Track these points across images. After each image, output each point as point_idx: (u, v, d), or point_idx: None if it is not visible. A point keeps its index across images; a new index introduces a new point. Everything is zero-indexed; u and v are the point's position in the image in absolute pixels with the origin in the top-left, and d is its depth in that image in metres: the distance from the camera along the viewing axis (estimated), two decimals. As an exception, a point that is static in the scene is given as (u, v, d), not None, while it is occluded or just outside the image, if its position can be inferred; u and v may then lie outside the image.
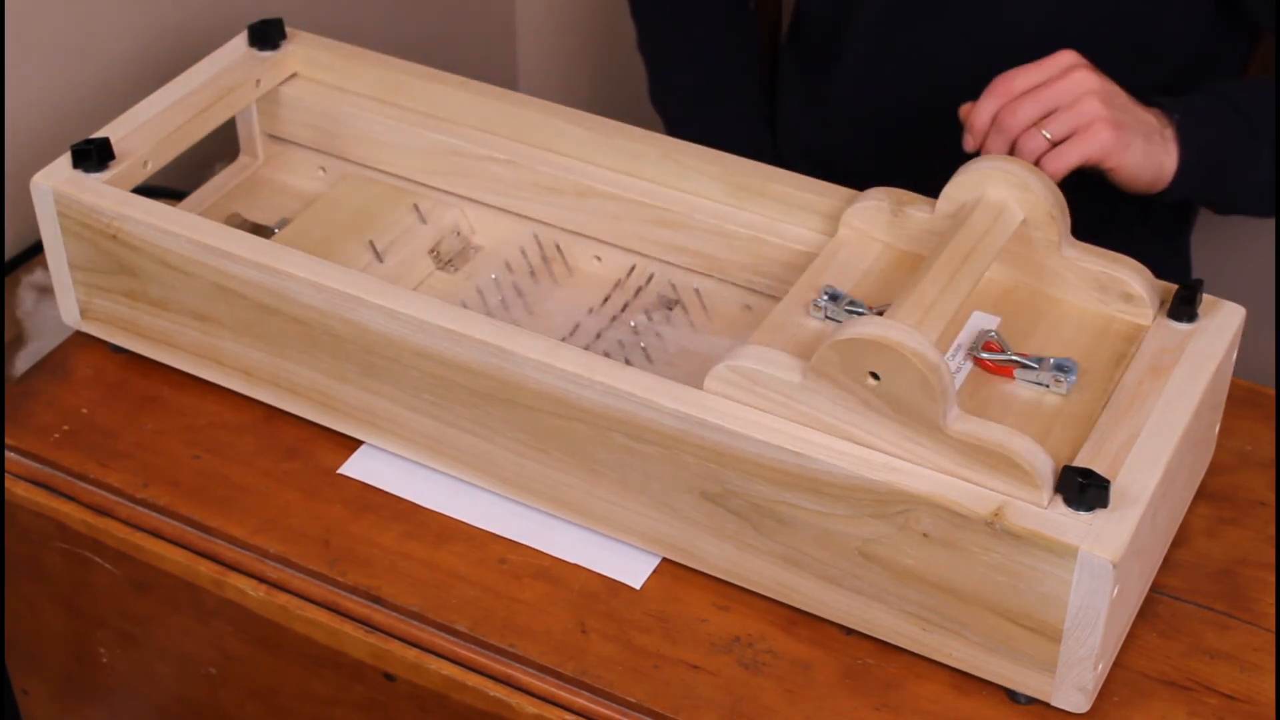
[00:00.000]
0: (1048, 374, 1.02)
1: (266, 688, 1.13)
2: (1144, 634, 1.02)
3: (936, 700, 0.98)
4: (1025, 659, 0.96)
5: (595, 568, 1.06)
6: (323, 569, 1.07)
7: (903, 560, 0.96)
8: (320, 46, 1.28)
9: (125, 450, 1.15)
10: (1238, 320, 1.06)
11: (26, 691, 1.28)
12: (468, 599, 1.05)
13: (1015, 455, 0.92)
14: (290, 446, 1.14)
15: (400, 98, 1.26)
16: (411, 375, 1.07)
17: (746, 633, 1.02)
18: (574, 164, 1.20)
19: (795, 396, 0.97)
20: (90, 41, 1.41)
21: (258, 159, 1.30)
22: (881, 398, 0.94)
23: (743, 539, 1.01)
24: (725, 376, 0.99)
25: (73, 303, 1.19)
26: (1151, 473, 0.95)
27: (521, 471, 1.07)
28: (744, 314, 1.17)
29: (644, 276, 1.20)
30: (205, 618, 1.12)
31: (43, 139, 1.37)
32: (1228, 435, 1.13)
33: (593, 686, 1.00)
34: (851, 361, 0.94)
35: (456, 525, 1.09)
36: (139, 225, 1.12)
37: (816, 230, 1.14)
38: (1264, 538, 1.08)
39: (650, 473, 1.01)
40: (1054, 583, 0.92)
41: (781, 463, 0.96)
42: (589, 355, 1.01)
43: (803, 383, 0.96)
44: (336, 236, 1.21)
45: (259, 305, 1.10)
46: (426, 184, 1.26)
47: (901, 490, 0.94)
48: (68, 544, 1.15)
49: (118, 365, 1.21)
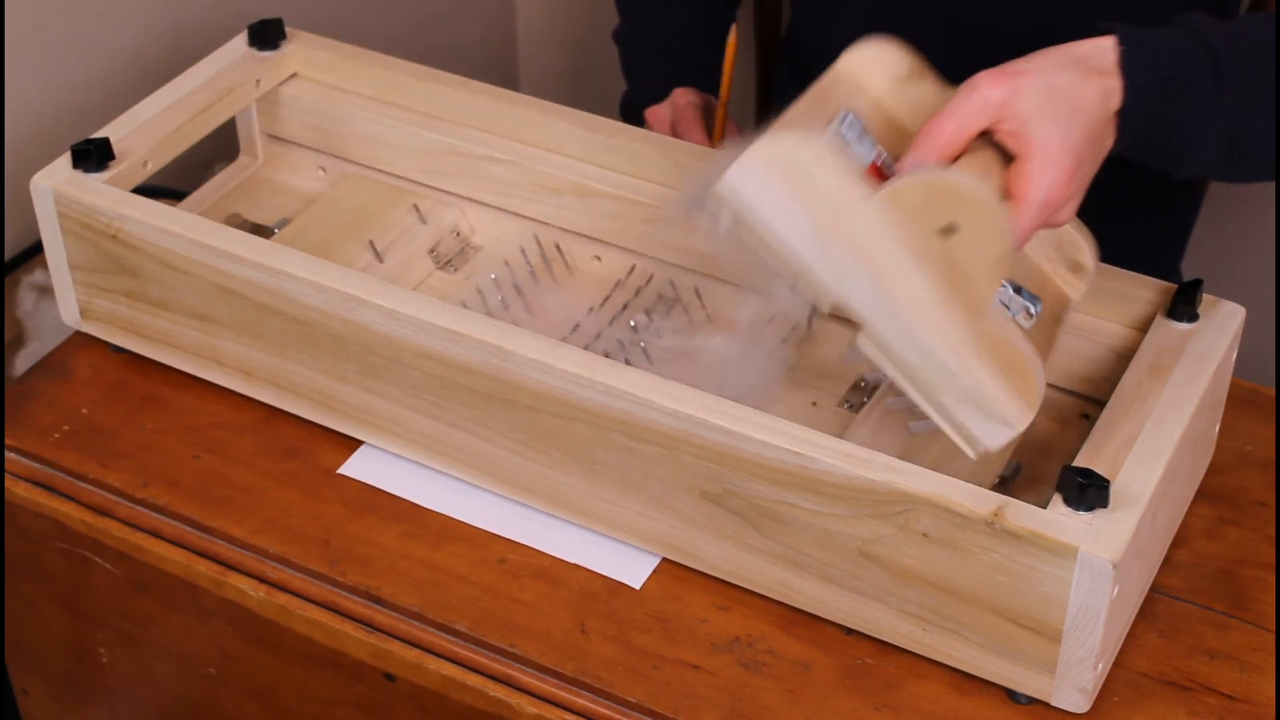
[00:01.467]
0: (1019, 303, 1.00)
1: (266, 688, 1.13)
2: (1144, 634, 1.02)
3: (936, 700, 0.98)
4: (1025, 659, 0.96)
5: (595, 568, 1.06)
6: (323, 569, 1.07)
7: (903, 560, 0.96)
8: (320, 46, 1.28)
9: (125, 450, 1.15)
10: (1238, 320, 1.06)
11: (26, 691, 1.28)
12: (468, 599, 1.05)
13: (1033, 369, 0.93)
14: (290, 446, 1.14)
15: (400, 98, 1.26)
16: (411, 375, 1.07)
17: (746, 633, 1.02)
18: (574, 164, 1.20)
19: (848, 212, 0.91)
20: (90, 41, 1.41)
21: (258, 159, 1.30)
22: (942, 254, 0.91)
23: (743, 539, 1.01)
24: (774, 160, 0.91)
25: (73, 303, 1.19)
26: (1151, 473, 0.95)
27: (521, 471, 1.07)
28: (744, 314, 1.16)
29: (644, 276, 1.20)
30: (205, 618, 1.12)
31: (43, 139, 1.37)
32: (1228, 435, 1.13)
33: (593, 687, 1.00)
34: (936, 207, 0.90)
35: (456, 525, 1.09)
36: (139, 225, 1.12)
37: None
38: (1264, 538, 1.08)
39: (650, 473, 1.01)
40: (1054, 583, 0.92)
41: (781, 463, 0.96)
42: (589, 355, 1.01)
43: (866, 204, 0.91)
44: (336, 236, 1.21)
45: (259, 305, 1.10)
46: (426, 184, 1.26)
47: (901, 490, 0.94)
48: (68, 544, 1.15)
49: (118, 365, 1.21)
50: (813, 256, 0.92)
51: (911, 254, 0.91)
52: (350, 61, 1.27)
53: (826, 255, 0.92)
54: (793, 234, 0.92)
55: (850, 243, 0.92)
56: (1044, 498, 0.98)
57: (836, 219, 0.91)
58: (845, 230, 0.91)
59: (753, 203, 0.92)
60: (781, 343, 1.14)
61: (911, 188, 0.91)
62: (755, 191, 0.92)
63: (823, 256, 0.92)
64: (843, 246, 0.92)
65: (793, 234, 0.92)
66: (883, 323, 0.93)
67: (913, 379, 0.94)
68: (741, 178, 0.91)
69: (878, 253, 0.91)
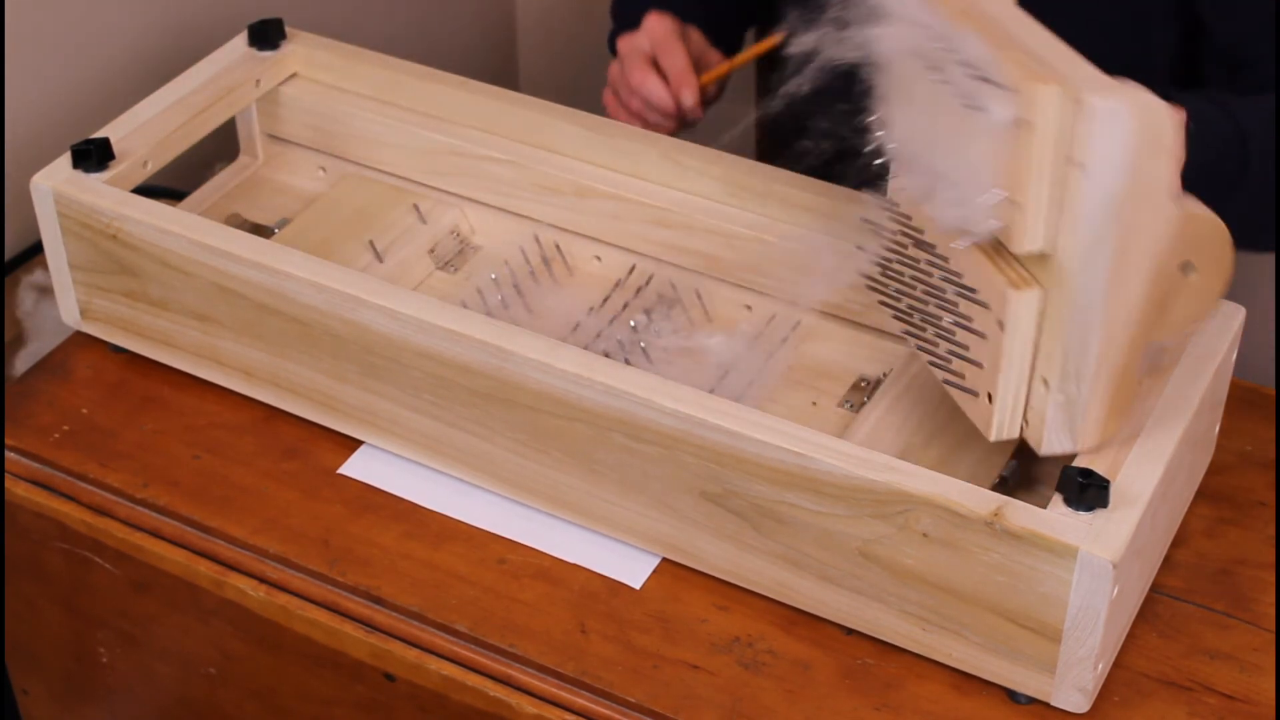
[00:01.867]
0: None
1: (266, 688, 1.13)
2: (1144, 634, 1.02)
3: (936, 700, 0.98)
4: (1025, 659, 0.96)
5: (595, 568, 1.06)
6: (323, 569, 1.07)
7: (903, 560, 0.96)
8: (320, 46, 1.28)
9: (125, 450, 1.15)
10: (1238, 320, 1.06)
11: (26, 691, 1.28)
12: (468, 599, 1.05)
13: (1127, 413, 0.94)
14: (290, 446, 1.14)
15: (400, 98, 1.26)
16: (411, 375, 1.07)
17: (746, 633, 1.02)
18: (574, 164, 1.20)
19: (1153, 201, 0.89)
20: (90, 41, 1.41)
21: (258, 159, 1.30)
22: (1168, 284, 0.91)
23: (743, 539, 1.01)
24: (1148, 112, 0.87)
25: (73, 303, 1.19)
26: (1151, 473, 0.95)
27: (521, 471, 1.07)
28: (744, 314, 1.17)
29: (644, 276, 1.20)
30: (205, 618, 1.12)
31: (43, 139, 1.37)
32: (1228, 435, 1.13)
33: (593, 686, 1.00)
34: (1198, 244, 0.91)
35: (456, 525, 1.09)
36: (139, 225, 1.12)
37: (816, 230, 1.14)
38: (1264, 538, 1.08)
39: (650, 473, 1.01)
40: (1054, 583, 0.92)
41: (781, 463, 0.96)
42: (589, 355, 1.01)
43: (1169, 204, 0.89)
44: (336, 236, 1.21)
45: (259, 305, 1.10)
46: (426, 184, 1.26)
47: (901, 490, 0.94)
48: (68, 544, 1.15)
49: (118, 365, 1.21)
50: (1087, 207, 0.88)
51: (1153, 270, 0.90)
52: (350, 61, 1.27)
53: (1098, 217, 0.89)
54: (1097, 182, 0.88)
55: (1129, 224, 0.89)
56: (1044, 498, 0.98)
57: (1141, 199, 0.88)
58: (1137, 212, 0.89)
59: (1100, 133, 0.87)
60: (781, 343, 1.14)
61: (1205, 221, 0.91)
62: (1110, 130, 0.87)
63: (1094, 214, 0.89)
64: (1121, 224, 0.89)
65: (1097, 182, 0.88)
66: (1074, 302, 0.90)
67: (1033, 350, 0.93)
68: (1114, 110, 0.87)
69: (1136, 248, 0.89)
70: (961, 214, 0.94)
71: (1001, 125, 0.89)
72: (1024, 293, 0.92)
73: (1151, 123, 0.86)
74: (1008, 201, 0.91)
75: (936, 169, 0.96)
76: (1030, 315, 0.92)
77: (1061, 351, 0.92)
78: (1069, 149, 0.87)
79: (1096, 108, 0.86)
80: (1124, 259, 0.89)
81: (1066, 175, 0.88)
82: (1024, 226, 0.90)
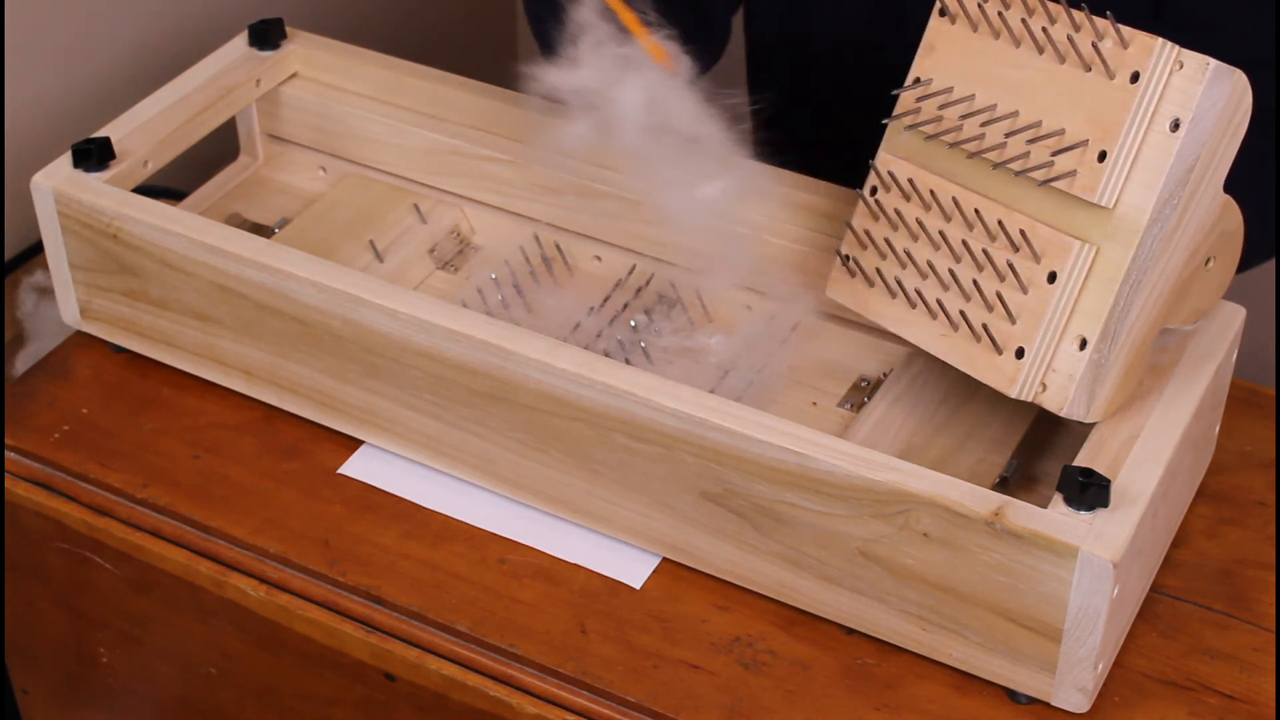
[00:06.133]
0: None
1: (266, 688, 1.13)
2: (1144, 634, 1.02)
3: (936, 700, 0.98)
4: (1025, 659, 0.96)
5: (595, 568, 1.06)
6: (323, 569, 1.07)
7: (903, 560, 0.96)
8: (320, 46, 1.28)
9: (125, 450, 1.15)
10: (1238, 320, 1.06)
11: (26, 691, 1.28)
12: (468, 599, 1.05)
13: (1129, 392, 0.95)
14: (290, 446, 1.14)
15: (400, 97, 1.26)
16: (412, 375, 1.07)
17: (746, 633, 1.02)
18: (574, 164, 1.20)
19: (1211, 182, 0.92)
20: (90, 41, 1.41)
21: (258, 159, 1.30)
22: (1192, 272, 0.94)
23: (743, 539, 1.01)
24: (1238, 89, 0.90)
25: (73, 303, 1.19)
26: (1152, 473, 0.95)
27: (521, 471, 1.07)
28: (744, 314, 1.17)
29: (644, 276, 1.20)
30: (205, 618, 1.12)
31: (43, 139, 1.37)
32: (1228, 435, 1.13)
33: (593, 686, 1.00)
34: (1223, 238, 0.93)
35: (456, 525, 1.09)
36: (139, 225, 1.12)
37: (817, 230, 1.14)
38: (1264, 538, 1.08)
39: (650, 473, 1.01)
40: (1054, 583, 0.92)
41: (782, 462, 0.96)
42: (589, 355, 1.01)
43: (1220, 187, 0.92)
44: (336, 236, 1.21)
45: (259, 305, 1.10)
46: (426, 184, 1.26)
47: (902, 490, 0.94)
48: (68, 544, 1.15)
49: (118, 365, 1.21)
50: (1172, 166, 0.89)
51: (1192, 249, 0.92)
52: (350, 61, 1.27)
53: (1177, 178, 0.90)
54: (1188, 143, 0.89)
55: (1194, 194, 0.90)
56: (1044, 498, 0.98)
57: (1211, 171, 0.90)
58: (1203, 185, 0.90)
59: (1205, 95, 0.88)
60: (781, 343, 1.14)
61: (1235, 214, 0.93)
62: (1213, 94, 0.89)
63: (1175, 175, 0.90)
64: (1189, 191, 0.90)
65: (1188, 143, 0.89)
66: (1131, 262, 0.92)
67: (1072, 307, 0.94)
68: (1222, 74, 0.88)
69: (1193, 222, 0.91)
70: (1038, 160, 0.94)
71: (1101, 76, 0.90)
72: (1087, 245, 0.93)
73: (1243, 102, 0.89)
74: (1090, 151, 0.91)
75: (1018, 115, 0.96)
76: (1083, 270, 0.93)
77: (1107, 311, 0.93)
78: (1173, 106, 0.88)
79: (1210, 66, 0.88)
80: (1181, 228, 0.90)
81: (1158, 133, 0.89)
82: (1103, 178, 0.91)
